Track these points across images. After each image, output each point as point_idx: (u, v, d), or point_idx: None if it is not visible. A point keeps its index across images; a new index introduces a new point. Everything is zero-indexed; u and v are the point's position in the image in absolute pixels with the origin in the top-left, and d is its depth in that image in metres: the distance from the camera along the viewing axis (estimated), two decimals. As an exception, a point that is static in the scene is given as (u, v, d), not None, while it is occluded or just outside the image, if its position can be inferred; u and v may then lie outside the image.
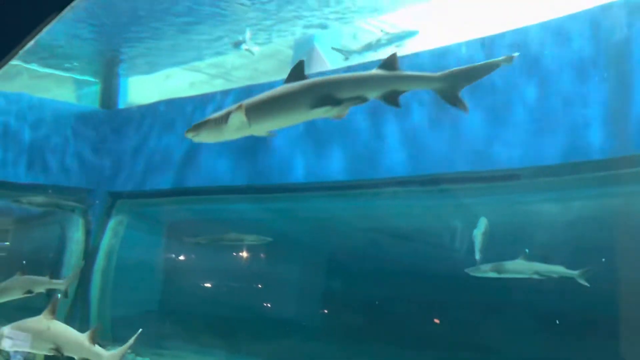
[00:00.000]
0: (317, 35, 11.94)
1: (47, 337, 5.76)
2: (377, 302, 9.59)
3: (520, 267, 6.68)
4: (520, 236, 7.53)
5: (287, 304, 10.49)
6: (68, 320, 10.61)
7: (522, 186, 7.11)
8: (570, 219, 7.41)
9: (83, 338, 5.79)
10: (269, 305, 10.98)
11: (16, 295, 7.56)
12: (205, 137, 3.82)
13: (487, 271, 6.73)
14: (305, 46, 12.34)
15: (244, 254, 11.20)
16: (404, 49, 9.79)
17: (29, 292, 7.64)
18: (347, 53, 10.25)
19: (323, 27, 11.18)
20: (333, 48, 10.47)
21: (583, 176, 6.75)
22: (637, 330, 6.03)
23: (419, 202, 8.41)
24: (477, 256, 6.90)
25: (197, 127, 3.84)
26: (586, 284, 6.42)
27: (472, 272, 6.84)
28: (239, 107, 3.57)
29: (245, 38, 11.02)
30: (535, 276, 6.57)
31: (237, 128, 3.63)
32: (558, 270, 6.57)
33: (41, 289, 7.78)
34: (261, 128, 3.70)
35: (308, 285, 10.29)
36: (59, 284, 8.05)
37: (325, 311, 10.54)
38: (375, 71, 3.57)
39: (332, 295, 10.62)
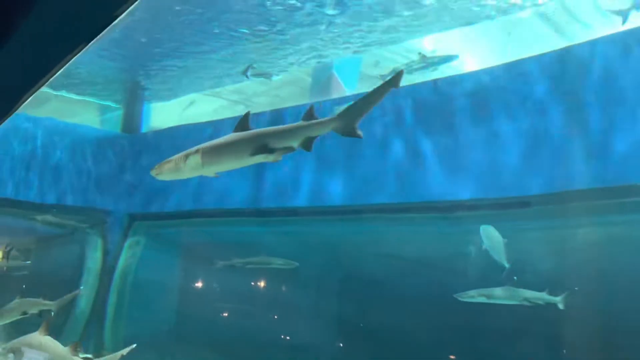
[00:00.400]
0: (336, 63, 12.22)
1: (39, 351, 6.78)
2: (384, 328, 9.60)
3: (507, 294, 6.93)
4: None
5: (301, 329, 10.51)
6: (83, 339, 10.83)
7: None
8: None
9: (66, 351, 6.73)
10: (283, 329, 11.00)
11: (15, 316, 8.70)
12: (167, 175, 4.34)
13: (474, 297, 6.97)
14: (323, 73, 12.62)
15: (257, 278, 11.32)
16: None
17: (25, 313, 8.77)
18: (384, 77, 10.40)
19: (343, 54, 11.51)
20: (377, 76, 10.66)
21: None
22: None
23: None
24: (505, 264, 6.85)
25: (160, 166, 4.31)
26: (563, 307, 6.75)
27: (461, 297, 7.03)
28: (197, 151, 4.12)
29: (249, 69, 11.47)
30: (526, 303, 6.81)
31: (192, 169, 4.18)
32: (542, 297, 6.82)
33: (36, 310, 8.91)
34: (211, 170, 4.29)
35: (317, 310, 10.33)
36: (50, 305, 9.11)
37: (332, 336, 10.51)
38: (295, 124, 4.14)
39: (342, 320, 10.63)
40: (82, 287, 11.71)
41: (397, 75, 3.89)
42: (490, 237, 6.70)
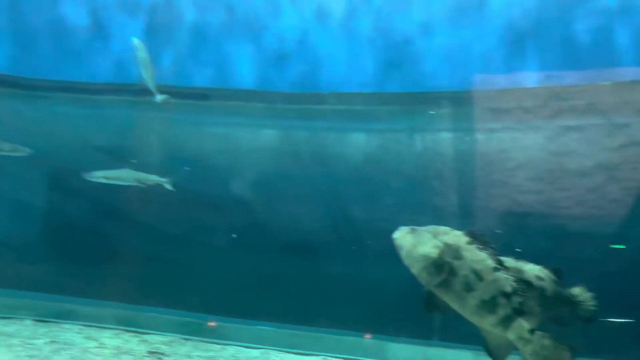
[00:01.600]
0: None
1: None
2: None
3: (124, 175, 7.51)
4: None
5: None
6: None
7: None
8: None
9: None
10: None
11: None
12: None
13: (99, 177, 7.44)
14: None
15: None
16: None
17: None
18: None
19: None
20: None
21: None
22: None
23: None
24: (145, 77, 6.84)
25: None
26: (172, 189, 7.49)
27: (88, 177, 7.45)
28: None
29: None
30: (136, 183, 7.48)
31: None
32: (153, 178, 7.52)
33: None
34: None
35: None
36: None
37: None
38: None
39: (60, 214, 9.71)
40: None
41: None
42: (141, 48, 6.78)
